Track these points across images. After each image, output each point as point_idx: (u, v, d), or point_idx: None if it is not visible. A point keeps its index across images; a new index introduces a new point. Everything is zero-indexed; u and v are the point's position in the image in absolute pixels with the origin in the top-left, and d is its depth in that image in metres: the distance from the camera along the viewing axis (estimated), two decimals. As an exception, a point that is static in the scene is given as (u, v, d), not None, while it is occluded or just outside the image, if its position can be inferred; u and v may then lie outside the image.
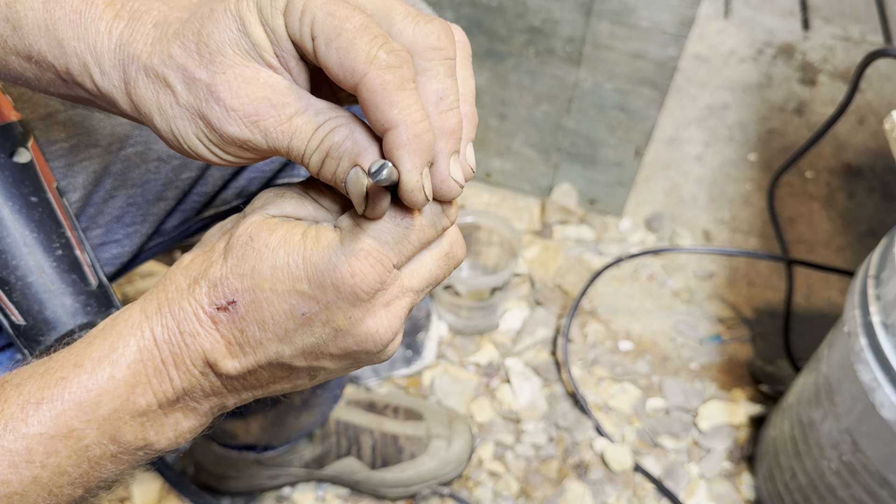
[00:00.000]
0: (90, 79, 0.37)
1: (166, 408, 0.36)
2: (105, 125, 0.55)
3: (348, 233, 0.35)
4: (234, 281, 0.35)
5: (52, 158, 0.54)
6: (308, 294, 0.34)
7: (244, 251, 0.35)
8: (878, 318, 0.72)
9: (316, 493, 1.03)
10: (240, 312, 0.35)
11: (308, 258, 0.34)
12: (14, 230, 0.48)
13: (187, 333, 0.35)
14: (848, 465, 0.78)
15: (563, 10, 1.09)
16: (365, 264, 0.34)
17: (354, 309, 0.35)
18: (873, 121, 1.55)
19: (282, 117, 0.34)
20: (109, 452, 0.36)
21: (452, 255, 0.39)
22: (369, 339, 0.36)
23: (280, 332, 0.35)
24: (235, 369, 0.36)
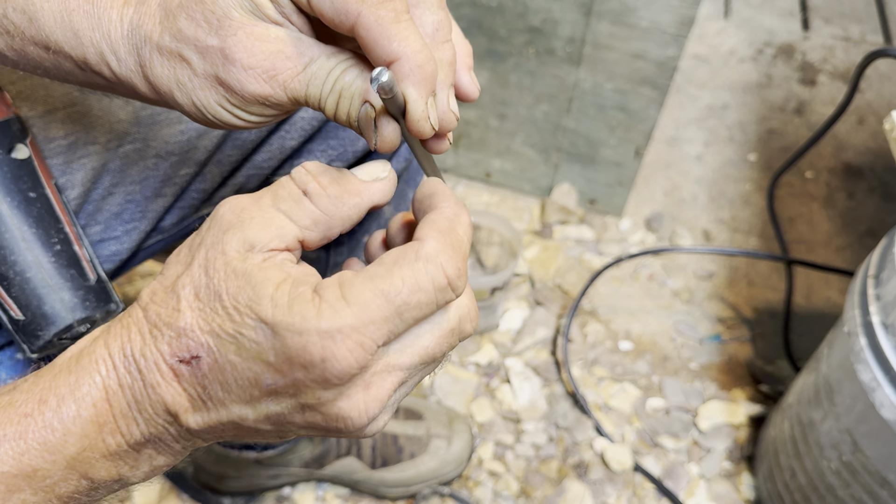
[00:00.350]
0: (108, 67, 0.38)
1: (137, 448, 0.35)
2: (104, 122, 0.55)
3: (327, 304, 0.31)
4: (199, 336, 0.32)
5: (51, 155, 0.54)
6: (274, 366, 0.31)
7: (214, 304, 0.32)
8: (878, 318, 0.72)
9: (316, 492, 1.03)
10: (202, 370, 0.33)
11: (276, 330, 0.31)
12: (12, 226, 0.48)
13: (148, 383, 0.33)
14: (848, 465, 0.78)
15: (563, 10, 1.09)
16: (341, 349, 0.30)
17: (325, 391, 0.32)
18: (873, 121, 1.55)
19: (297, 67, 0.35)
20: (82, 488, 0.34)
21: (459, 331, 0.36)
22: (340, 421, 0.33)
23: (244, 397, 0.33)
24: (198, 424, 0.34)
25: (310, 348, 0.30)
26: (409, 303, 0.32)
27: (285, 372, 0.31)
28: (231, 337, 0.32)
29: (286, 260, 0.34)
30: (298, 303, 0.31)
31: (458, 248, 0.33)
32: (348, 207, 0.35)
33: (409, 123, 0.35)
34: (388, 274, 0.32)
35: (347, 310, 0.31)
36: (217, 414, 0.33)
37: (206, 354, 0.32)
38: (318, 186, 0.35)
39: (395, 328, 0.32)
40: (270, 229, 0.33)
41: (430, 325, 0.34)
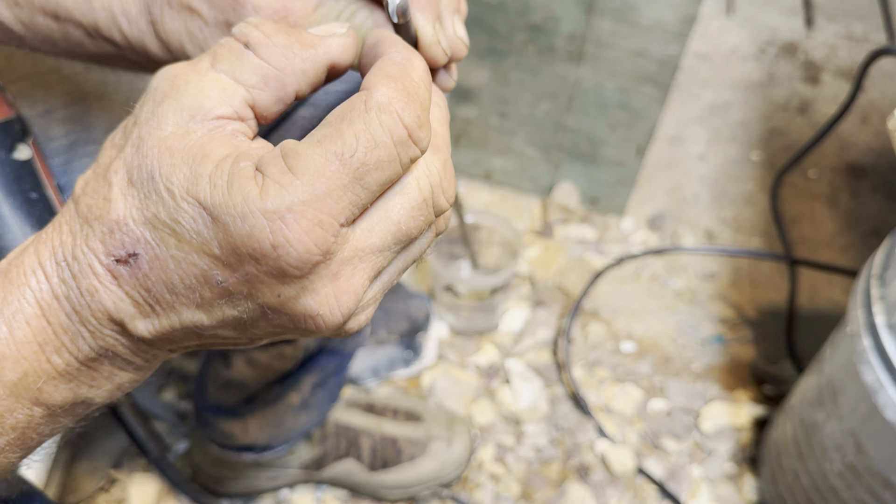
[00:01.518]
0: (118, 30, 0.38)
1: (90, 364, 0.30)
2: (104, 121, 0.55)
3: (272, 180, 0.26)
4: (134, 228, 0.28)
5: (51, 155, 0.54)
6: (221, 260, 0.27)
7: (148, 188, 0.28)
8: (882, 319, 0.71)
9: (315, 494, 1.02)
10: (142, 269, 0.28)
11: (216, 216, 0.26)
12: (14, 227, 0.48)
13: (85, 289, 0.29)
14: (851, 466, 0.77)
15: (565, 7, 1.09)
16: (295, 231, 0.26)
17: (284, 286, 0.27)
18: (877, 120, 1.54)
19: (307, 8, 0.35)
20: (37, 416, 0.30)
21: (433, 203, 0.30)
22: (310, 321, 0.28)
23: (195, 299, 0.28)
24: (149, 332, 0.29)
25: (256, 234, 0.26)
26: (368, 163, 0.27)
27: (234, 266, 0.27)
28: (168, 227, 0.27)
29: (237, 132, 0.29)
30: (238, 180, 0.26)
31: (414, 93, 0.29)
32: (301, 59, 0.31)
33: (422, 50, 0.35)
34: (337, 133, 0.27)
35: (296, 182, 0.26)
36: (168, 319, 0.29)
37: (143, 250, 0.28)
38: (261, 35, 0.30)
39: (357, 198, 0.27)
40: (211, 92, 0.29)
41: (399, 196, 0.29)
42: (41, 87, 0.54)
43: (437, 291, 1.16)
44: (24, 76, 0.54)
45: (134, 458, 1.04)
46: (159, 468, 0.94)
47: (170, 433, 1.06)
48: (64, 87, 0.55)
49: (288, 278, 0.27)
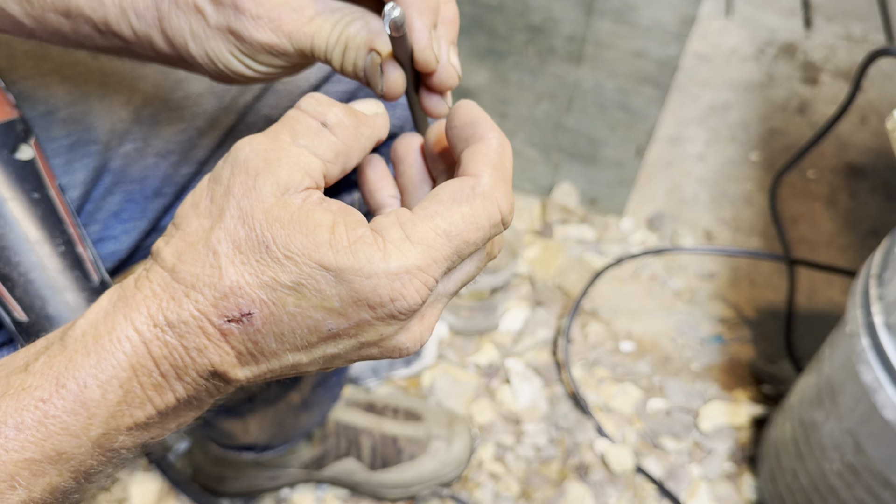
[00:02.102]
0: (128, 25, 0.39)
1: (168, 412, 0.33)
2: (105, 121, 0.55)
3: (393, 245, 0.31)
4: (249, 291, 0.31)
5: (53, 155, 0.54)
6: (338, 311, 0.31)
7: (261, 255, 0.31)
8: (881, 319, 0.71)
9: (315, 494, 1.03)
10: (255, 325, 0.31)
11: (342, 276, 0.30)
12: (17, 227, 0.48)
13: (192, 348, 0.31)
14: (850, 466, 0.77)
15: (564, 8, 1.09)
16: (409, 288, 0.31)
17: (388, 328, 0.32)
18: (875, 120, 1.55)
19: (302, 19, 0.37)
20: (106, 458, 0.33)
21: (492, 254, 0.37)
22: (395, 351, 0.34)
23: (300, 344, 0.32)
24: (246, 377, 0.33)
25: (380, 290, 0.30)
26: (468, 241, 0.32)
27: (350, 316, 0.31)
28: (289, 288, 0.31)
29: (322, 198, 0.33)
30: (362, 246, 0.31)
31: (509, 181, 0.34)
32: (364, 138, 0.36)
33: (416, 54, 0.36)
34: (447, 212, 0.32)
35: (413, 250, 0.31)
36: (268, 364, 0.33)
37: (258, 310, 0.31)
38: (335, 117, 0.34)
39: (453, 264, 0.33)
40: (300, 167, 0.32)
41: (475, 255, 0.35)
42: (42, 87, 0.54)
43: (437, 291, 1.16)
44: (26, 77, 0.54)
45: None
46: (160, 468, 0.94)
47: (170, 433, 1.07)
48: (65, 88, 0.55)
49: (394, 321, 0.32)
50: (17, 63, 0.54)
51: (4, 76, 0.53)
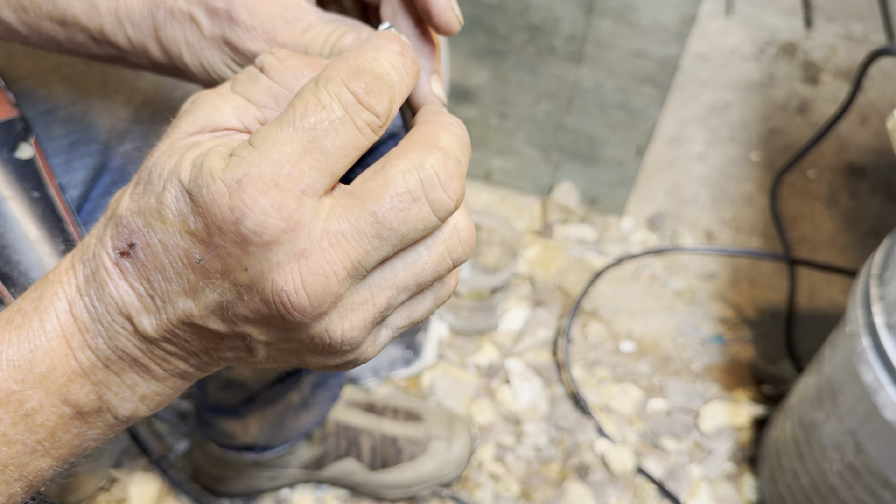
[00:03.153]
0: (123, 34, 0.39)
1: (112, 366, 0.32)
2: (105, 121, 0.55)
3: (236, 155, 0.28)
4: (131, 219, 0.30)
5: (52, 155, 0.54)
6: (199, 237, 0.28)
7: (146, 182, 0.30)
8: (881, 319, 0.71)
9: (315, 494, 1.03)
10: (140, 257, 0.29)
11: (190, 190, 0.28)
12: (16, 225, 0.48)
13: (100, 283, 0.30)
14: (850, 466, 0.77)
15: (564, 8, 1.09)
16: (250, 193, 0.27)
17: (249, 257, 0.28)
18: (876, 120, 1.55)
19: (296, 31, 0.37)
20: (66, 415, 0.32)
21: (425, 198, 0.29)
22: (279, 301, 0.28)
23: (184, 285, 0.29)
24: (153, 328, 0.30)
25: (217, 200, 0.27)
26: (318, 124, 0.28)
27: (207, 241, 0.28)
28: (155, 211, 0.29)
29: (238, 140, 0.31)
30: (210, 157, 0.28)
31: (367, 68, 0.29)
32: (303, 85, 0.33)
33: (435, 17, 0.37)
34: (289, 106, 0.29)
35: (254, 153, 0.27)
36: (166, 313, 0.30)
37: (138, 240, 0.29)
38: (274, 59, 0.32)
39: (318, 163, 0.28)
40: (224, 109, 0.31)
41: (374, 181, 0.29)
42: (42, 86, 0.54)
43: (437, 291, 1.16)
44: (26, 76, 0.54)
45: (134, 458, 1.04)
46: (160, 468, 0.94)
47: (170, 433, 1.06)
48: (65, 87, 0.55)
49: (251, 246, 0.27)
50: (17, 62, 0.54)
51: (4, 75, 0.53)
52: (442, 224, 0.30)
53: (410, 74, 0.32)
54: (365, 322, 0.30)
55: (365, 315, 0.30)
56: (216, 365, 0.34)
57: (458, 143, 0.31)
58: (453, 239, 0.31)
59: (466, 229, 0.31)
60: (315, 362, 0.32)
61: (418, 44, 0.40)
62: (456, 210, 0.30)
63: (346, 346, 0.30)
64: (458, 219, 0.31)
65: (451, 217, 0.31)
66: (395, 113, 0.30)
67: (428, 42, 0.40)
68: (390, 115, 0.30)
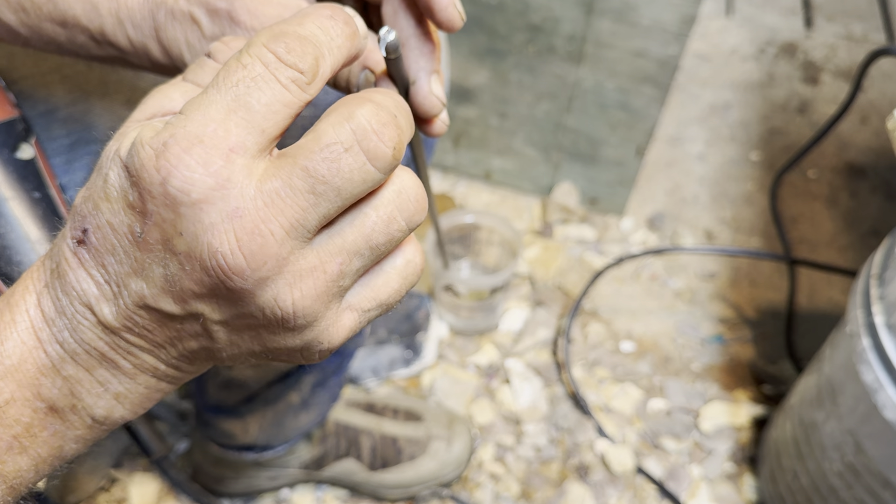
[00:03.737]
0: (124, 35, 0.39)
1: (80, 360, 0.31)
2: (105, 121, 0.55)
3: (167, 122, 0.28)
4: (83, 205, 0.29)
5: (53, 155, 0.54)
6: (136, 207, 0.27)
7: (97, 169, 0.30)
8: (881, 319, 0.71)
9: (315, 494, 1.03)
10: (93, 242, 0.29)
11: (126, 163, 0.28)
12: (17, 226, 0.48)
13: (62, 273, 0.30)
14: (850, 466, 0.77)
15: (564, 7, 1.09)
16: (174, 150, 0.26)
17: (181, 220, 0.27)
18: (876, 120, 1.55)
19: None
20: (41, 411, 0.31)
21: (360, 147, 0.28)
22: (216, 265, 0.27)
23: (133, 264, 0.29)
24: (112, 316, 0.30)
25: (147, 164, 0.26)
26: (240, 81, 0.27)
27: (143, 209, 0.27)
28: (101, 191, 0.29)
29: None
30: (144, 129, 0.28)
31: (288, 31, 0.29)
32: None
33: (437, 13, 0.37)
34: (216, 74, 0.28)
35: (181, 117, 0.27)
36: (122, 299, 0.30)
37: (90, 224, 0.29)
38: (220, 44, 0.33)
39: (245, 122, 0.27)
40: (173, 95, 0.31)
41: (305, 137, 0.28)
42: (43, 86, 0.54)
43: (437, 291, 1.16)
44: (26, 76, 0.54)
45: (134, 458, 1.04)
46: (160, 468, 0.94)
47: (170, 433, 1.06)
48: (65, 87, 0.55)
49: (181, 207, 0.26)
50: (18, 62, 0.54)
51: (5, 75, 0.53)
52: (385, 179, 0.29)
53: (342, 35, 0.30)
54: (317, 290, 0.29)
55: (316, 282, 0.29)
56: (186, 362, 0.33)
57: (394, 103, 0.30)
58: (402, 197, 0.30)
59: (414, 186, 0.30)
60: (274, 344, 0.31)
61: (419, 43, 0.40)
62: (395, 161, 0.29)
63: (301, 318, 0.29)
64: (404, 177, 0.30)
65: (396, 176, 0.30)
66: (328, 71, 0.30)
67: (428, 42, 0.40)
68: (321, 73, 0.29)
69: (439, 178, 1.42)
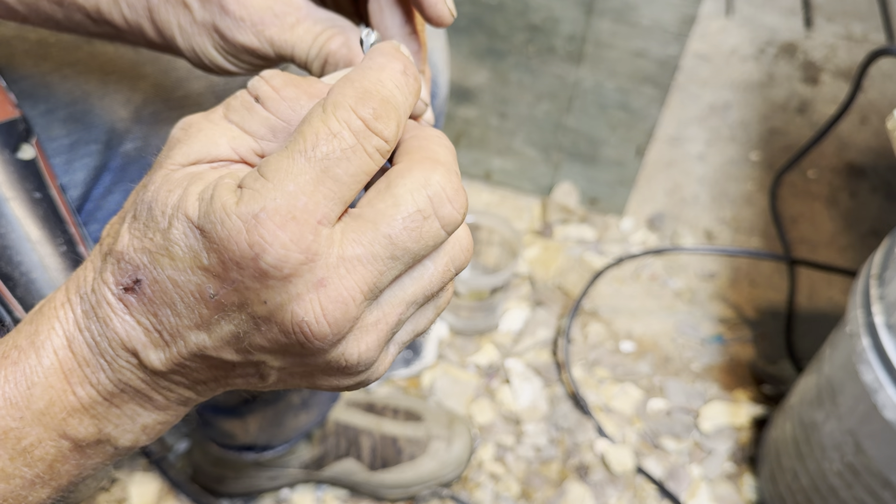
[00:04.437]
0: (119, 14, 0.40)
1: (113, 399, 0.31)
2: (105, 121, 0.55)
3: (248, 188, 0.27)
4: (135, 255, 0.29)
5: (53, 155, 0.54)
6: (213, 272, 0.27)
7: (146, 218, 0.29)
8: (881, 319, 0.71)
9: (315, 494, 1.03)
10: (147, 294, 0.29)
11: (202, 227, 0.27)
12: (18, 227, 0.48)
13: (101, 319, 0.30)
14: (850, 466, 0.77)
15: (564, 8, 1.09)
16: (269, 228, 0.26)
17: (269, 291, 0.27)
18: (876, 120, 1.55)
19: (284, 26, 0.37)
20: (65, 449, 0.31)
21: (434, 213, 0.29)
22: (296, 328, 0.28)
23: (195, 319, 0.29)
24: (161, 362, 0.30)
25: (234, 237, 0.26)
26: (330, 153, 0.27)
27: (222, 276, 0.27)
28: (163, 248, 0.28)
29: (239, 170, 0.30)
30: (219, 191, 0.27)
31: (372, 90, 0.29)
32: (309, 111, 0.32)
33: (427, 9, 0.37)
34: (298, 134, 0.28)
35: (268, 185, 0.27)
36: (177, 347, 0.29)
37: (144, 276, 0.29)
38: (270, 90, 0.31)
39: (332, 192, 0.27)
40: (220, 140, 0.30)
41: (384, 203, 0.28)
42: (43, 86, 0.54)
43: (437, 291, 1.16)
44: (26, 76, 0.54)
45: (134, 458, 1.04)
46: (160, 468, 0.94)
47: (170, 433, 1.06)
48: (66, 87, 0.55)
49: (270, 280, 0.27)
50: (18, 62, 0.54)
51: (4, 75, 0.53)
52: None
53: (413, 93, 0.31)
54: (379, 341, 0.30)
55: (379, 334, 0.30)
56: (221, 390, 0.33)
57: (452, 155, 0.31)
58: (456, 248, 0.31)
59: (466, 237, 0.32)
60: (326, 384, 0.32)
61: (405, 42, 0.40)
62: (462, 223, 0.30)
63: (362, 366, 0.30)
64: (459, 229, 0.31)
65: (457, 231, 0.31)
66: (401, 134, 0.30)
67: (415, 41, 0.40)
68: (397, 137, 0.29)
69: (439, 178, 1.42)
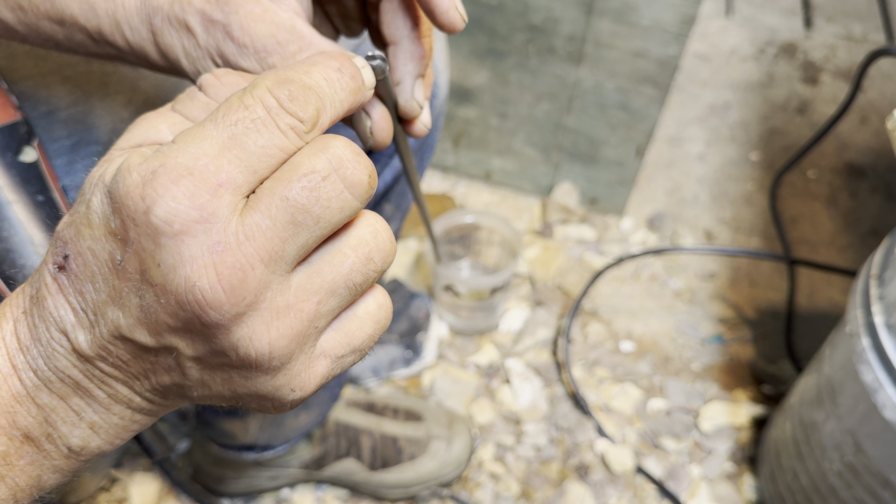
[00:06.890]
0: (122, 36, 0.39)
1: (54, 387, 0.31)
2: (106, 121, 0.55)
3: (157, 151, 0.27)
4: (65, 231, 0.29)
5: (54, 156, 0.54)
6: (118, 234, 0.27)
7: (80, 194, 0.30)
8: (881, 319, 0.71)
9: (315, 494, 1.03)
10: (73, 269, 0.29)
11: (110, 188, 0.27)
12: (21, 230, 0.48)
13: (40, 300, 0.30)
14: (850, 466, 0.77)
15: (564, 8, 1.09)
16: (163, 180, 0.26)
17: (160, 250, 0.26)
18: (875, 120, 1.55)
19: (286, 54, 0.37)
20: (17, 439, 0.31)
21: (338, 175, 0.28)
22: (192, 299, 0.26)
23: (111, 292, 0.28)
24: (87, 344, 0.29)
25: (132, 191, 0.26)
26: (240, 122, 0.27)
27: (125, 237, 0.27)
28: (84, 217, 0.28)
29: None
30: (131, 155, 0.28)
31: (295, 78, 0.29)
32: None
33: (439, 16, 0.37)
34: (215, 108, 0.29)
35: (173, 146, 0.27)
36: (98, 328, 0.29)
37: (71, 250, 0.29)
38: (212, 77, 0.33)
39: (238, 160, 0.27)
40: (161, 126, 0.31)
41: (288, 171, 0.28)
42: (44, 87, 0.54)
43: (437, 291, 1.16)
44: (27, 77, 0.54)
45: (135, 458, 1.04)
46: (161, 468, 0.94)
47: (171, 433, 1.07)
48: (66, 89, 0.55)
49: (162, 238, 0.26)
50: (18, 63, 0.54)
51: (5, 76, 0.53)
52: (361, 209, 0.30)
53: (347, 90, 0.31)
54: (293, 330, 0.28)
55: (292, 322, 0.28)
56: (159, 396, 0.32)
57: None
58: (378, 238, 0.31)
59: (387, 230, 0.31)
60: (244, 388, 0.31)
61: (410, 46, 0.40)
62: (371, 190, 0.29)
63: (275, 359, 0.29)
64: (378, 219, 0.31)
65: (371, 218, 0.31)
66: (327, 122, 0.30)
67: (420, 46, 0.40)
68: (319, 123, 0.29)
69: (439, 178, 1.42)
